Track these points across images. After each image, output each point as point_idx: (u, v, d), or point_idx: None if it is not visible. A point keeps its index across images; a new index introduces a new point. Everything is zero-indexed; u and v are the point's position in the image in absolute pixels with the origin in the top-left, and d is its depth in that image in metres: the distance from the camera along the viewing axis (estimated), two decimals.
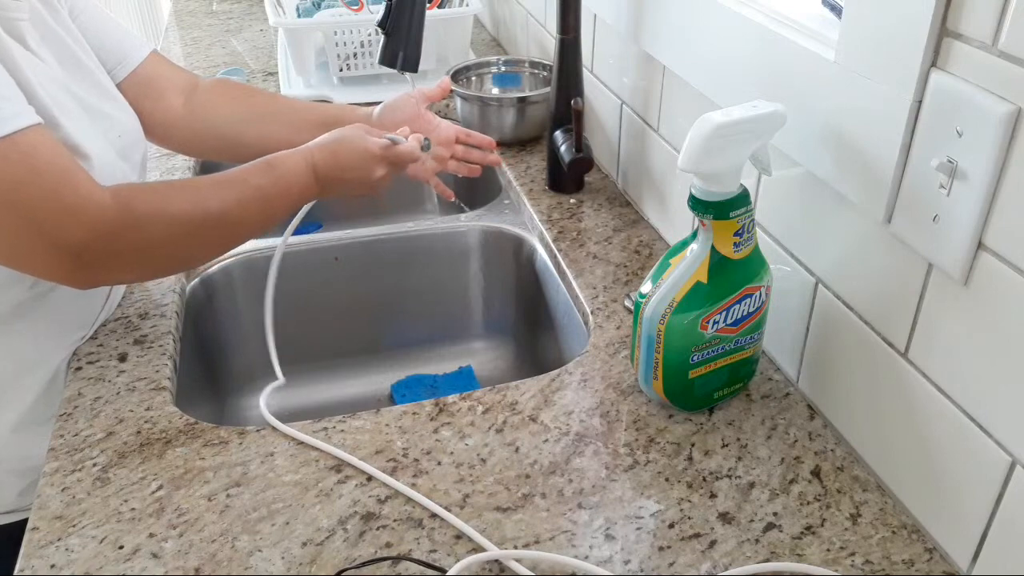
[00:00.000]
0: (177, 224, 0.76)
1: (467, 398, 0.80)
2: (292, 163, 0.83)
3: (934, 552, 0.64)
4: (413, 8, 1.01)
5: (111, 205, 0.71)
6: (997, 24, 0.51)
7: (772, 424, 0.76)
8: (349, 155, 0.87)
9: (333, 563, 0.64)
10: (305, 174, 0.84)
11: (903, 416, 0.66)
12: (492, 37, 1.77)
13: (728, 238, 0.70)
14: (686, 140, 0.66)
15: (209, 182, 0.80)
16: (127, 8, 2.81)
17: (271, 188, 0.81)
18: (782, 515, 0.67)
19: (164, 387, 0.81)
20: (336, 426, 0.76)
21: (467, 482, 0.70)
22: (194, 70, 1.57)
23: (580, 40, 1.08)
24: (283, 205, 0.83)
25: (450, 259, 1.16)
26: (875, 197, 0.63)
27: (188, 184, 0.82)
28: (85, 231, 0.70)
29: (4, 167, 0.66)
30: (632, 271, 0.98)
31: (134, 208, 0.73)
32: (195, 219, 0.77)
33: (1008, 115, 0.51)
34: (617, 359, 0.84)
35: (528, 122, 1.27)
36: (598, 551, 0.64)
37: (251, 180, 0.81)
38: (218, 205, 0.78)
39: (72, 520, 0.67)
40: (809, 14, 0.72)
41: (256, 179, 0.81)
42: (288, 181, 0.83)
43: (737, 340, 0.74)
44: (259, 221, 0.81)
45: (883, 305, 0.67)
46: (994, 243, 0.55)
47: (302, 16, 1.53)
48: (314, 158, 0.85)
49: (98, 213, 0.70)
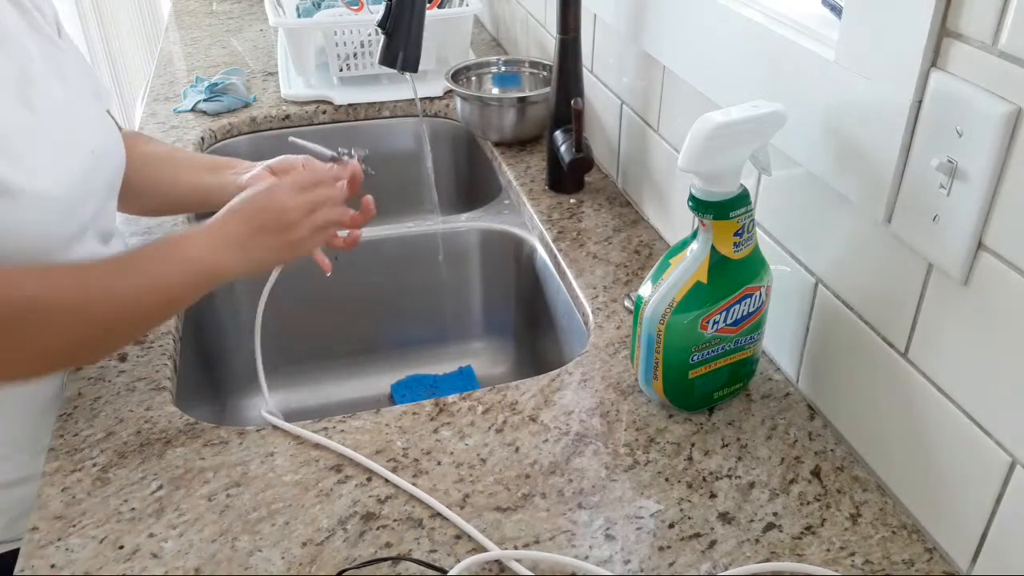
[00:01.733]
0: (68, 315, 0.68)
1: (467, 398, 0.80)
2: (189, 234, 0.75)
3: (934, 552, 0.64)
4: (413, 8, 1.00)
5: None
6: (997, 24, 0.51)
7: (772, 424, 0.76)
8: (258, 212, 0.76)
9: (333, 563, 0.64)
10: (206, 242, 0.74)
11: (903, 416, 0.66)
12: (492, 37, 1.77)
13: (728, 238, 0.70)
14: (686, 140, 0.66)
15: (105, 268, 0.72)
16: (127, 8, 2.81)
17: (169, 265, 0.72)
18: (782, 515, 0.67)
19: (164, 387, 0.81)
20: (336, 426, 0.76)
21: (467, 482, 0.70)
22: (194, 70, 1.58)
23: (580, 40, 1.08)
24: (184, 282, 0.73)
25: (450, 259, 1.16)
26: (875, 197, 0.63)
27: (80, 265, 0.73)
28: None
29: None
30: (632, 271, 0.98)
31: (18, 301, 0.65)
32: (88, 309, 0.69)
33: (1008, 115, 0.51)
34: (617, 359, 0.84)
35: (528, 122, 1.27)
36: (598, 551, 0.64)
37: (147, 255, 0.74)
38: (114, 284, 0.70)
39: (72, 520, 0.67)
40: (809, 14, 0.72)
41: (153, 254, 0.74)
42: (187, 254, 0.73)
43: (737, 340, 0.74)
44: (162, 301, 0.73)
45: (883, 305, 0.67)
46: (994, 243, 0.55)
47: (302, 16, 1.53)
48: (214, 224, 0.75)
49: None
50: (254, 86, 1.51)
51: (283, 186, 0.78)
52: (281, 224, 0.77)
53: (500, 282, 1.18)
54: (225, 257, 0.74)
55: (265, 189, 0.78)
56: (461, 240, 1.16)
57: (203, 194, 0.91)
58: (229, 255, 0.74)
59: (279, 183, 0.79)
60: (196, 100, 1.41)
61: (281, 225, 0.77)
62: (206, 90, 1.43)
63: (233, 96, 1.42)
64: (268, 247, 0.77)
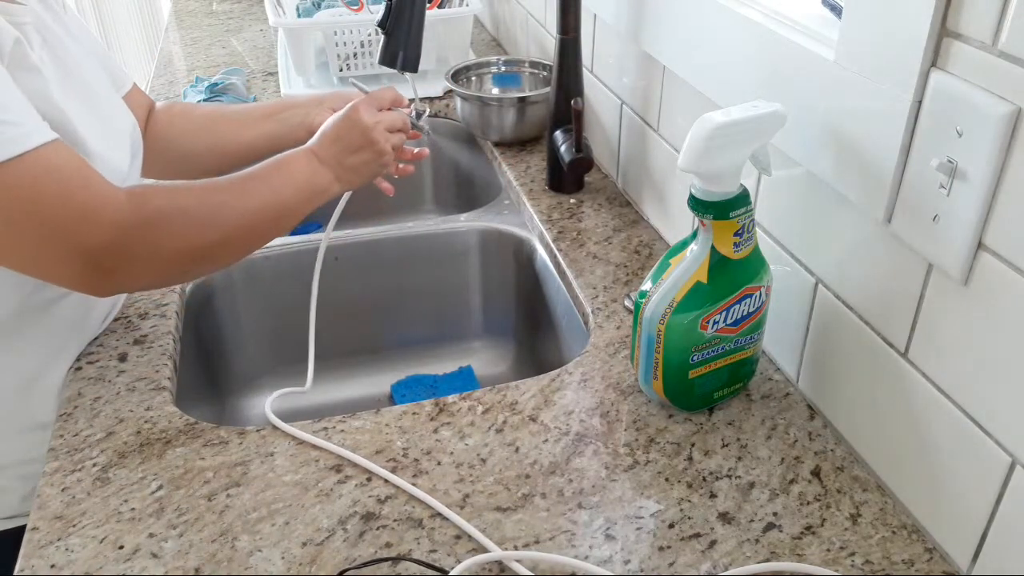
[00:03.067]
0: (192, 222, 0.75)
1: (467, 398, 0.80)
2: (293, 155, 0.84)
3: (934, 552, 0.64)
4: (413, 8, 1.00)
5: (126, 205, 0.71)
6: (997, 24, 0.51)
7: (772, 424, 0.76)
8: (335, 125, 0.86)
9: (333, 563, 0.64)
10: (308, 162, 0.84)
11: (903, 416, 0.66)
12: (492, 37, 1.77)
13: (728, 238, 0.70)
14: (686, 140, 0.66)
15: (224, 183, 0.80)
16: (127, 8, 2.81)
17: (280, 183, 0.81)
18: (782, 515, 0.67)
19: (164, 387, 0.81)
20: (336, 426, 0.76)
21: (467, 482, 0.70)
22: (194, 70, 1.58)
23: (580, 40, 1.08)
24: (294, 196, 0.82)
25: (450, 259, 1.16)
26: (875, 197, 0.63)
27: (200, 182, 0.81)
28: (103, 233, 0.70)
29: (24, 182, 0.66)
30: (632, 271, 0.98)
31: (149, 206, 0.73)
32: (210, 217, 0.76)
33: (1008, 115, 0.51)
34: (617, 359, 0.84)
35: (528, 122, 1.27)
36: (598, 551, 0.64)
37: (261, 177, 0.81)
38: (233, 202, 0.78)
39: (72, 520, 0.67)
40: (809, 14, 0.72)
41: (266, 176, 0.81)
42: (292, 171, 0.82)
43: (737, 340, 0.74)
44: (275, 215, 0.81)
45: (883, 305, 0.67)
46: (994, 243, 0.55)
47: (302, 16, 1.53)
48: (312, 146, 0.85)
49: (115, 214, 0.70)
50: (254, 86, 1.51)
51: (363, 108, 0.87)
52: (367, 140, 0.86)
53: (500, 282, 1.18)
54: (325, 174, 0.85)
55: (350, 110, 0.86)
56: (461, 240, 1.16)
57: (269, 140, 0.99)
58: (328, 172, 0.85)
59: (359, 105, 0.87)
60: (196, 100, 1.41)
61: (367, 140, 0.86)
62: (206, 90, 1.43)
63: (233, 96, 1.42)
64: (360, 161, 0.87)
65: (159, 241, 0.74)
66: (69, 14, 0.88)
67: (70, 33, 0.85)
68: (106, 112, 0.85)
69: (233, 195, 0.79)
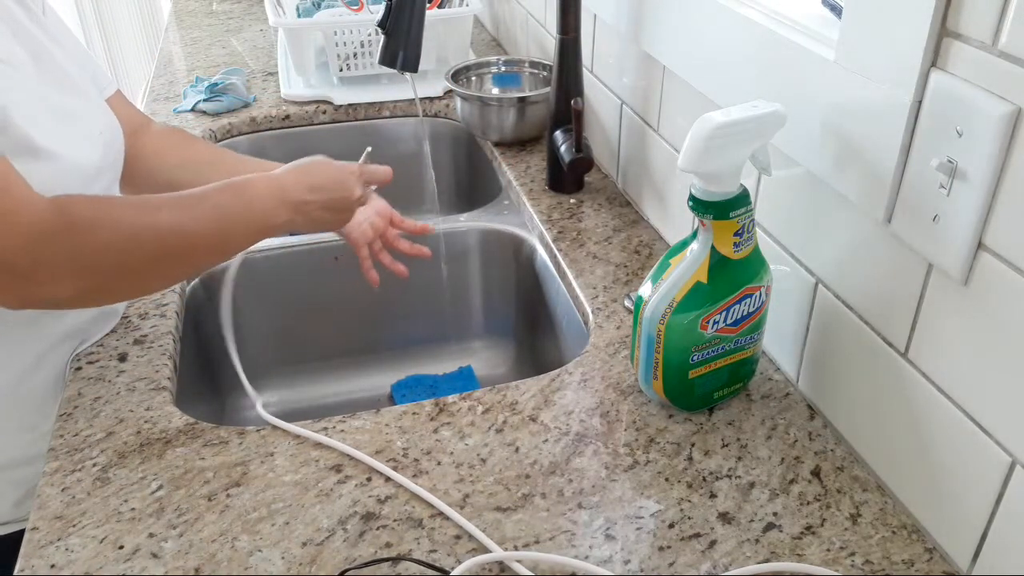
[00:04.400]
0: (120, 232, 0.70)
1: (467, 398, 0.80)
2: (258, 182, 0.79)
3: (934, 552, 0.64)
4: (413, 8, 1.00)
5: (47, 210, 0.67)
6: (997, 24, 0.51)
7: (772, 424, 0.76)
8: (322, 174, 0.82)
9: (333, 563, 0.64)
10: (270, 195, 0.79)
11: (903, 416, 0.66)
12: (492, 37, 1.77)
13: (728, 238, 0.70)
14: (686, 140, 0.66)
15: (165, 197, 0.75)
16: (127, 8, 2.81)
17: (232, 206, 0.77)
18: (782, 515, 0.67)
19: (164, 387, 0.81)
20: (336, 426, 0.76)
21: (467, 482, 0.70)
22: (194, 70, 1.58)
23: (580, 40, 1.08)
24: (243, 226, 0.78)
25: (450, 259, 1.16)
26: (875, 197, 0.63)
27: (140, 197, 0.76)
28: (17, 236, 0.65)
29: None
30: (632, 271, 0.98)
31: (72, 212, 0.68)
32: (141, 229, 0.71)
33: (1008, 115, 0.51)
34: (617, 359, 0.84)
35: (528, 122, 1.27)
36: (598, 551, 0.64)
37: (211, 197, 0.76)
38: (169, 217, 0.73)
39: (72, 520, 0.67)
40: (809, 14, 0.72)
41: (216, 197, 0.77)
42: (250, 199, 0.78)
43: (737, 340, 0.74)
44: (215, 241, 0.76)
45: (883, 305, 0.67)
46: (994, 243, 0.55)
47: (302, 16, 1.53)
48: (281, 179, 0.80)
49: (31, 217, 0.66)
50: (254, 86, 1.51)
51: (354, 173, 0.85)
52: (344, 206, 0.84)
53: (500, 282, 1.18)
54: (283, 214, 0.79)
55: (339, 169, 0.84)
56: (461, 240, 1.16)
57: None
58: (287, 213, 0.80)
59: (350, 169, 0.85)
60: (196, 100, 1.41)
61: (344, 206, 0.84)
62: (206, 90, 1.42)
63: (233, 96, 1.42)
64: (323, 220, 0.83)
65: (80, 249, 0.69)
66: (50, 16, 0.86)
67: (47, 33, 0.82)
68: (79, 111, 0.81)
69: (176, 213, 0.74)
